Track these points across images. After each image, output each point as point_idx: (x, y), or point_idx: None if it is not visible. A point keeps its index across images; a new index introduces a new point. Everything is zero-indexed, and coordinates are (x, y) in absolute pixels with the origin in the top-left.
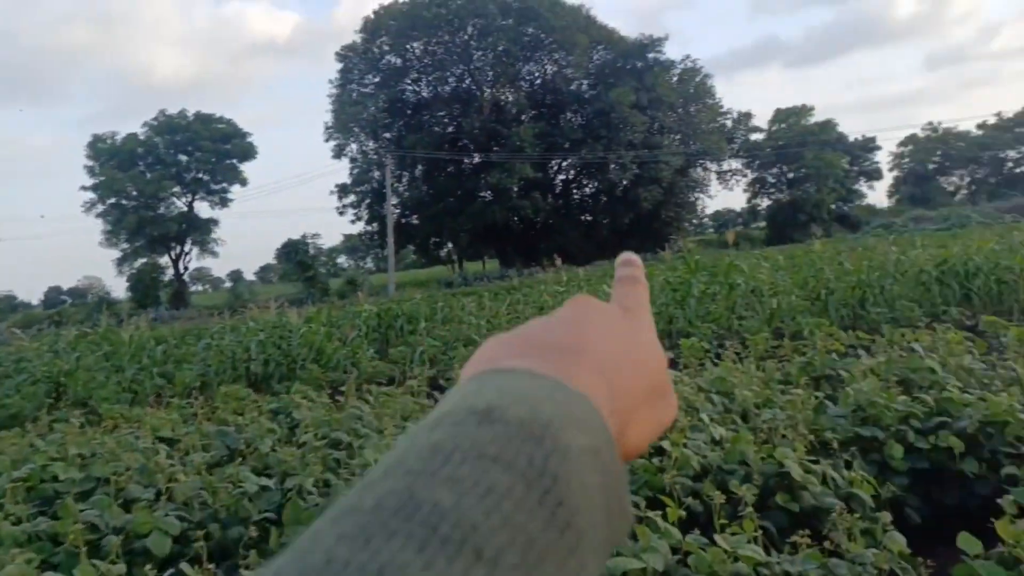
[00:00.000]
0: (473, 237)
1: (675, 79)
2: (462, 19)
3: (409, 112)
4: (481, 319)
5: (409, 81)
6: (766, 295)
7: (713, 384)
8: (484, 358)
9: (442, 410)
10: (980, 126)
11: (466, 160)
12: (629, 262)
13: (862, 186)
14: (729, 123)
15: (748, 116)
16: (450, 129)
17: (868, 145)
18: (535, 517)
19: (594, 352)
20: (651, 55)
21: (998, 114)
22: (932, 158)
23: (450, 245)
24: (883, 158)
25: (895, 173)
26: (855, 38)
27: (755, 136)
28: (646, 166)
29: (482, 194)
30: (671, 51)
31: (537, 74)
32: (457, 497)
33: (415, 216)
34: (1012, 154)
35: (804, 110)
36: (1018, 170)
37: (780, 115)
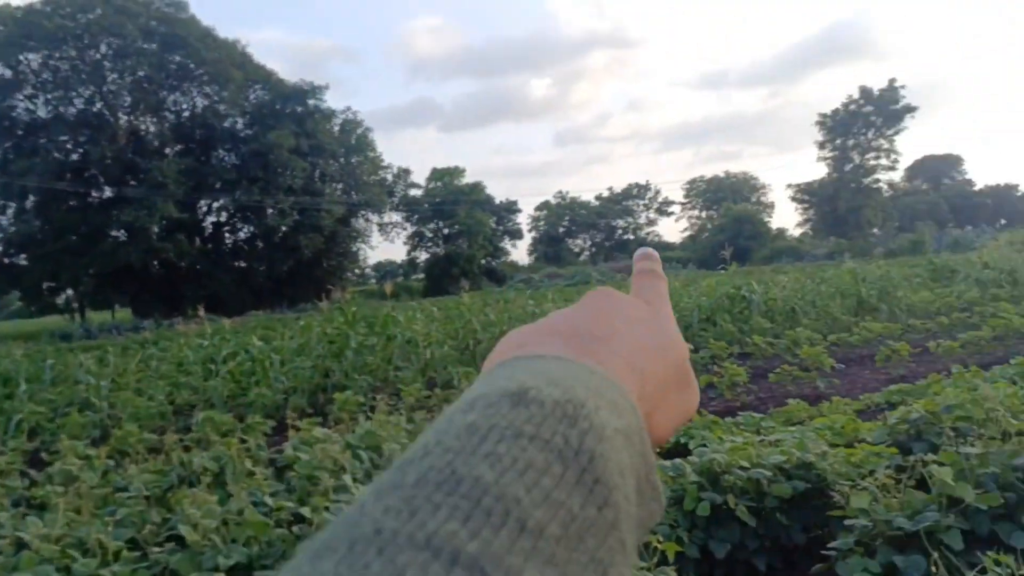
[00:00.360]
0: (101, 282)
1: (337, 129)
2: (94, 36)
3: (20, 133)
4: (104, 379)
5: (22, 97)
6: (421, 346)
7: (363, 439)
8: (510, 346)
9: (474, 394)
10: (598, 198)
11: (94, 193)
12: (648, 256)
13: (507, 244)
14: (390, 177)
15: (407, 172)
16: (75, 157)
17: (511, 207)
18: (574, 494)
19: (620, 340)
20: (312, 101)
21: (610, 189)
22: (562, 222)
23: (70, 291)
24: (523, 220)
25: (533, 234)
26: (499, 111)
27: (414, 192)
28: (307, 213)
29: (114, 233)
30: (333, 101)
31: (185, 106)
32: (498, 473)
33: (23, 255)
34: (621, 223)
35: (457, 171)
36: (625, 237)
37: (436, 174)
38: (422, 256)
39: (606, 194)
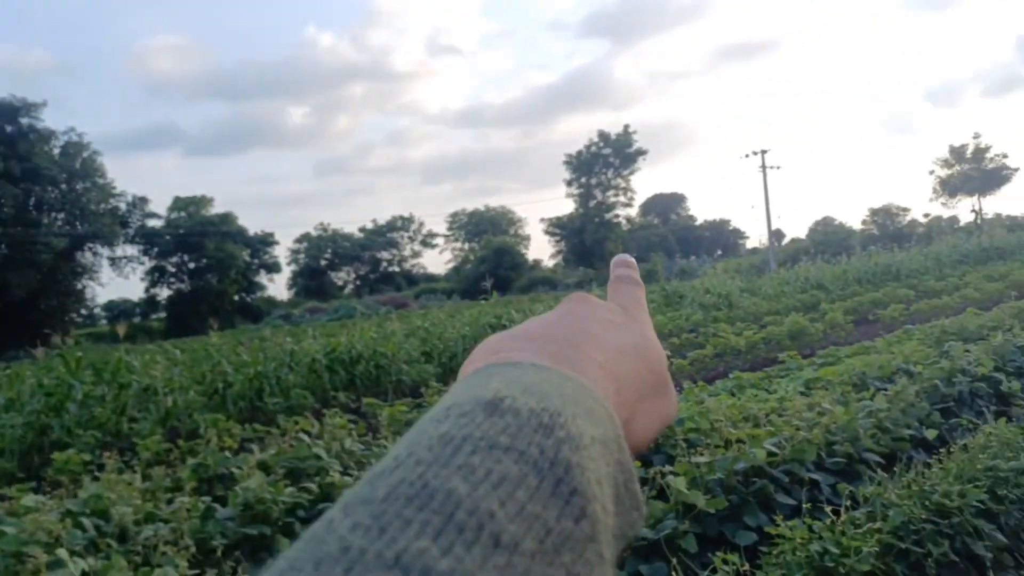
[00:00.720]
0: None
1: (58, 151)
2: None
3: None
4: None
5: None
6: (161, 393)
7: (87, 504)
8: (486, 352)
9: (447, 403)
10: (361, 230)
11: None
12: (624, 263)
13: (263, 278)
14: (123, 206)
15: (144, 201)
16: None
17: (267, 239)
18: (550, 506)
19: (597, 346)
20: (25, 120)
21: (374, 220)
22: (324, 255)
23: None
24: (282, 253)
25: (293, 267)
26: (252, 138)
27: (153, 222)
28: (19, 247)
29: None
30: (53, 120)
31: None
32: (471, 486)
33: None
34: (385, 255)
35: (204, 200)
36: (391, 269)
37: (180, 203)
38: (163, 293)
39: (370, 226)
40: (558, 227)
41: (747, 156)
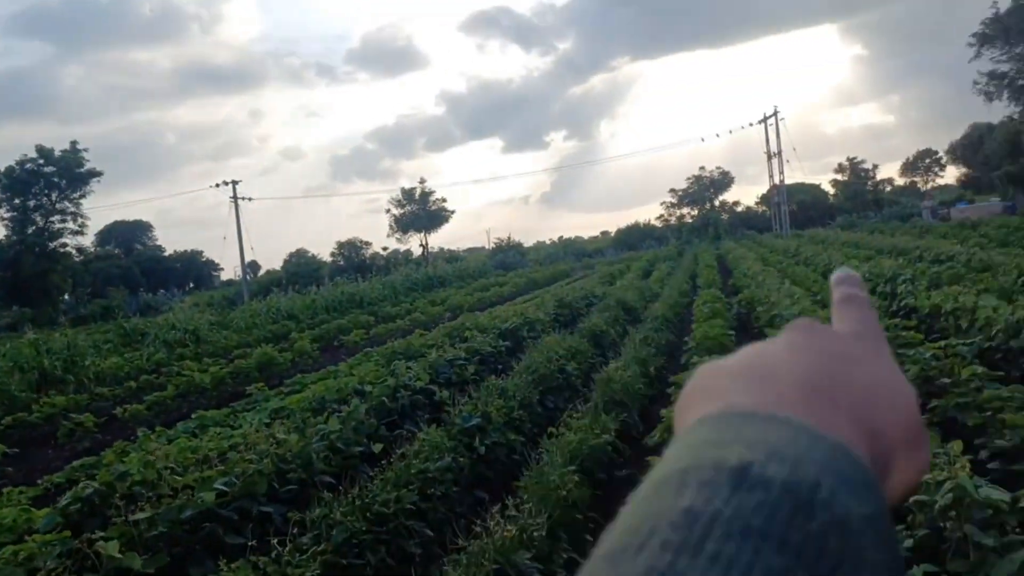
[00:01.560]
0: None
1: None
2: None
3: None
4: None
5: None
6: None
7: None
8: (707, 392)
9: (681, 464)
10: None
11: None
12: (848, 279)
13: None
14: None
15: None
16: None
17: None
18: None
19: (840, 389)
20: None
21: None
22: None
23: None
24: None
25: None
26: None
27: None
28: None
29: None
30: None
31: None
32: None
33: None
34: None
35: None
36: None
37: None
38: None
39: None
40: None
41: (217, 185)
